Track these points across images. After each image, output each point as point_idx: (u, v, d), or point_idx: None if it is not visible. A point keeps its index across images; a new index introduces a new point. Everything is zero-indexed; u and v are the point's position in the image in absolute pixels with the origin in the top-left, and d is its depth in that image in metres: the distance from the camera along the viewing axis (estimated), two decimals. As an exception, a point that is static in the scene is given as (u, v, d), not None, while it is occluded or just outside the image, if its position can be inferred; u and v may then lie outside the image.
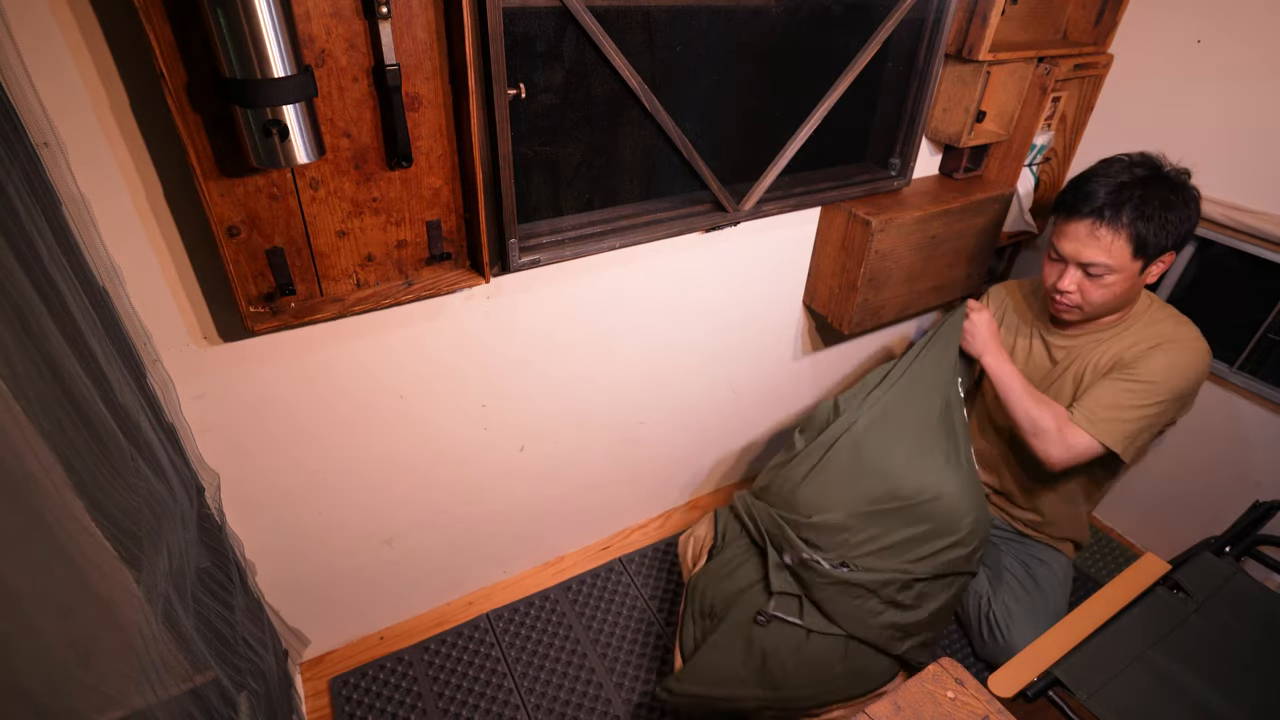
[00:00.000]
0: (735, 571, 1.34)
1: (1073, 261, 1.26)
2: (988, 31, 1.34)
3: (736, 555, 1.36)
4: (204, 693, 0.85)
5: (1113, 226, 1.20)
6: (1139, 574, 1.18)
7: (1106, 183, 1.22)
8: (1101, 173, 1.25)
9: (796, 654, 1.23)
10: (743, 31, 1.22)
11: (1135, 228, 1.19)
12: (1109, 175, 1.24)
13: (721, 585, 1.33)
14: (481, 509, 1.53)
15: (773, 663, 1.23)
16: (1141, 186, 1.21)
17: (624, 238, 1.25)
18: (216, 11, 0.72)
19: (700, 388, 1.70)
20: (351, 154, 0.94)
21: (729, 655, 1.25)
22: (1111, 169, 1.25)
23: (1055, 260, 1.31)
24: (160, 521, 0.81)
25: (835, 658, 1.23)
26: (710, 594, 1.34)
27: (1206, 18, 1.42)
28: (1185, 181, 1.23)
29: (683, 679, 1.27)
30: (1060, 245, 1.28)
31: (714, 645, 1.26)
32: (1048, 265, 1.34)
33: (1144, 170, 1.24)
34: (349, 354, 1.16)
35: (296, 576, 1.37)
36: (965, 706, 0.88)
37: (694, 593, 1.37)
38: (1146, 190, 1.20)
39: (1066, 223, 1.26)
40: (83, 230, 0.82)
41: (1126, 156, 1.27)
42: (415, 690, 1.48)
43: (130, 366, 0.88)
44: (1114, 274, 1.24)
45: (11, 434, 0.58)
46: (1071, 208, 1.26)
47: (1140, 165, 1.25)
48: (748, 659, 1.24)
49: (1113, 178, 1.23)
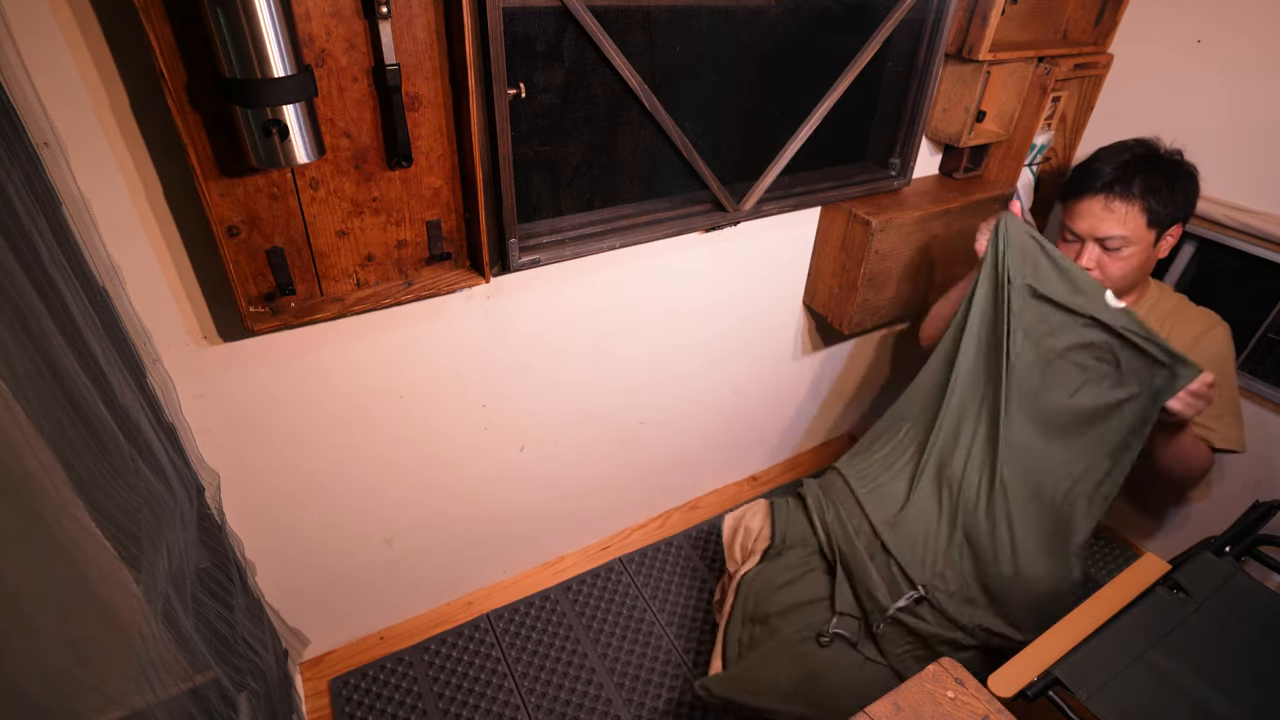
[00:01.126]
0: (795, 582, 1.31)
1: (1089, 238, 1.27)
2: (988, 31, 1.34)
3: (797, 564, 1.33)
4: (204, 693, 0.85)
5: (1125, 198, 1.23)
6: (1139, 574, 1.17)
7: (1111, 160, 1.25)
8: (1104, 154, 1.29)
9: (847, 681, 1.22)
10: (743, 31, 1.22)
11: (1147, 199, 1.23)
12: (1112, 154, 1.27)
13: (778, 594, 1.30)
14: (481, 509, 1.53)
15: (822, 684, 1.21)
16: (1145, 163, 1.24)
17: (624, 238, 1.25)
18: (216, 11, 0.72)
19: (700, 388, 1.69)
20: (351, 154, 0.94)
21: (777, 669, 1.24)
22: (1112, 150, 1.28)
23: (1071, 241, 1.31)
24: (160, 521, 0.81)
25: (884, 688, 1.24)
26: (764, 601, 1.31)
27: (1206, 17, 1.42)
28: (1182, 159, 1.28)
29: (725, 682, 1.26)
30: (1075, 225, 1.29)
31: (765, 656, 1.25)
32: (1063, 248, 1.33)
33: (1143, 149, 1.28)
34: (349, 354, 1.16)
35: (296, 576, 1.37)
36: (965, 706, 0.88)
37: (745, 594, 1.34)
38: (1150, 165, 1.24)
39: (1078, 202, 1.28)
40: (83, 230, 0.82)
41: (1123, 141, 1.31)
42: (415, 690, 1.48)
43: (130, 366, 0.88)
44: (1131, 246, 1.26)
45: (11, 434, 0.58)
46: (1080, 187, 1.27)
47: (1139, 145, 1.28)
48: (795, 675, 1.23)
49: (1115, 156, 1.26)
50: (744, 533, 1.44)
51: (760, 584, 1.33)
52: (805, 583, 1.32)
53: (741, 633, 1.32)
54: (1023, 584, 1.20)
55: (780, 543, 1.37)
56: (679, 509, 1.95)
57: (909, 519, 1.30)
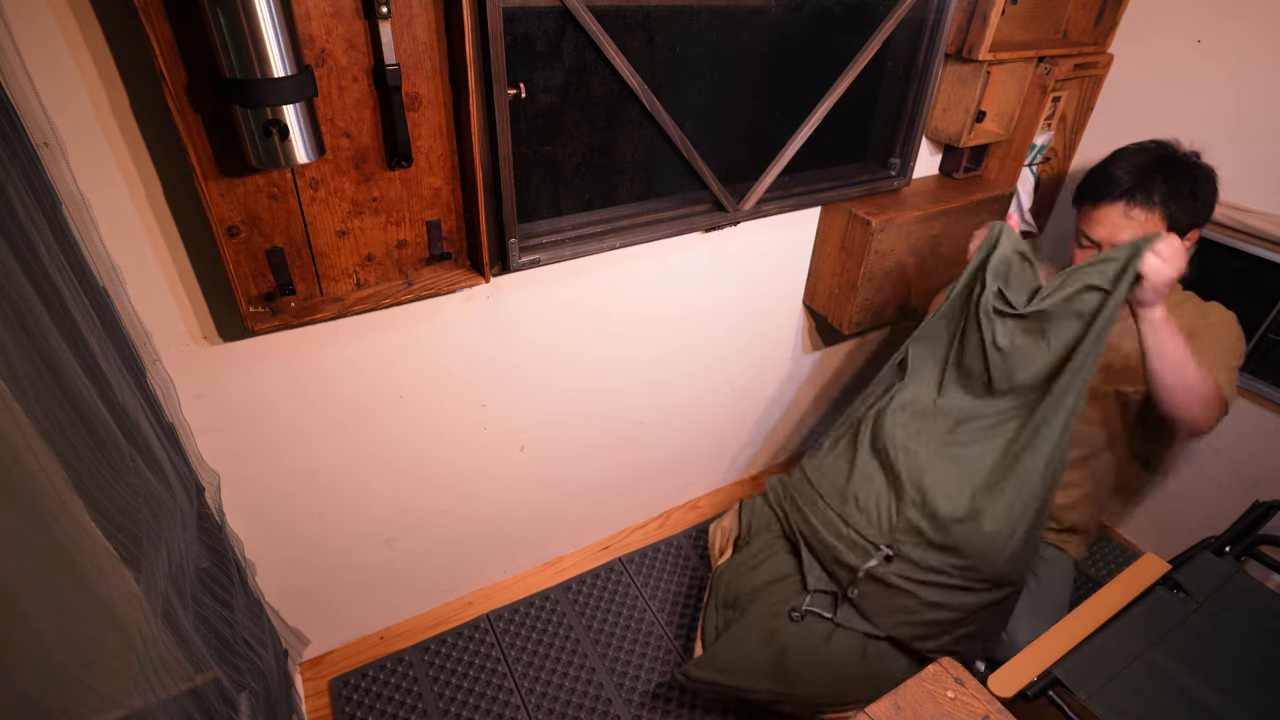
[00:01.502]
0: (760, 565, 1.36)
1: (1108, 245, 1.26)
2: (988, 31, 1.34)
3: (762, 549, 1.38)
4: (204, 693, 0.84)
5: (1146, 206, 1.21)
6: (1139, 574, 1.17)
7: (1129, 165, 1.23)
8: (1122, 157, 1.26)
9: (815, 654, 1.24)
10: (743, 31, 1.22)
11: (1168, 206, 1.21)
12: (1130, 158, 1.25)
13: (745, 578, 1.35)
14: (481, 509, 1.53)
15: (791, 659, 1.24)
16: (1164, 166, 1.22)
17: (624, 238, 1.25)
18: (216, 11, 0.72)
19: (700, 387, 1.69)
20: (351, 154, 0.94)
21: (748, 647, 1.28)
22: (1129, 153, 1.26)
23: (1087, 246, 1.30)
24: (160, 521, 0.81)
25: (854, 660, 1.24)
26: (734, 586, 1.36)
27: (1206, 17, 1.42)
28: (1200, 161, 1.26)
29: (701, 665, 1.29)
30: (1092, 231, 1.27)
31: (733, 636, 1.29)
32: (1079, 254, 1.32)
33: (1163, 152, 1.25)
34: (349, 354, 1.16)
35: (297, 576, 1.37)
36: (965, 706, 0.88)
37: (718, 584, 1.39)
38: (1169, 169, 1.22)
39: (1095, 209, 1.26)
40: (83, 230, 0.82)
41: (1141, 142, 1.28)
42: (415, 690, 1.48)
43: (130, 366, 0.88)
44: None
45: (11, 434, 0.58)
46: (1099, 193, 1.25)
47: (1159, 148, 1.26)
48: (766, 653, 1.26)
49: (1133, 159, 1.24)
50: (721, 533, 1.52)
51: (730, 572, 1.39)
52: (771, 563, 1.36)
53: (717, 619, 1.37)
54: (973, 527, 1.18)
55: (747, 532, 1.43)
56: (679, 509, 1.95)
57: (857, 486, 1.30)
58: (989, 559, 1.17)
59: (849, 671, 1.24)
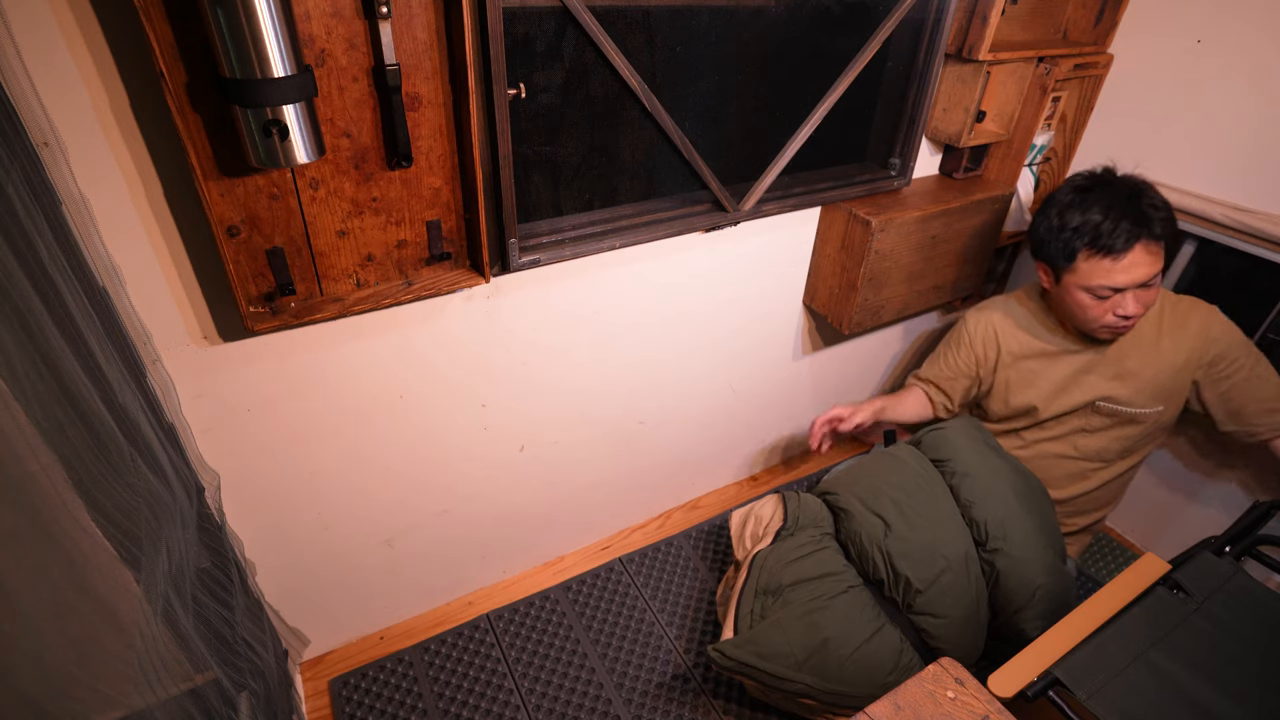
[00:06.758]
0: (807, 557, 1.36)
1: (1133, 286, 1.28)
2: (988, 31, 1.34)
3: (809, 542, 1.39)
4: (204, 693, 0.84)
5: (1153, 238, 1.26)
6: (1139, 574, 1.17)
7: (1113, 211, 1.25)
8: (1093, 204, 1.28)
9: (856, 650, 1.25)
10: (743, 31, 1.22)
11: (1164, 228, 1.27)
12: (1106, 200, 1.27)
13: (790, 568, 1.35)
14: (481, 509, 1.53)
15: (831, 651, 1.25)
16: (1137, 196, 1.27)
17: (624, 238, 1.25)
18: (216, 11, 0.72)
19: (700, 388, 1.69)
20: (351, 154, 0.94)
21: (789, 635, 1.27)
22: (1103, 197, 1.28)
23: (1105, 298, 1.30)
24: (160, 521, 0.81)
25: (890, 662, 1.26)
26: (777, 574, 1.36)
27: (1206, 17, 1.42)
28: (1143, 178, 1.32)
29: (740, 646, 1.28)
30: (1114, 280, 1.27)
31: (777, 623, 1.28)
32: (1096, 305, 1.31)
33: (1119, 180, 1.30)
34: (349, 354, 1.16)
35: (296, 576, 1.37)
36: (965, 706, 0.88)
37: (759, 570, 1.38)
38: (1142, 196, 1.27)
39: (1117, 260, 1.26)
40: (83, 230, 0.82)
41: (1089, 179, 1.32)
42: (415, 690, 1.48)
43: (130, 366, 0.88)
44: (1159, 275, 1.30)
45: (11, 434, 0.58)
46: (1109, 248, 1.25)
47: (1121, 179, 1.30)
48: (807, 642, 1.26)
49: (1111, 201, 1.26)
50: (754, 521, 1.50)
51: (773, 560, 1.37)
52: (818, 557, 1.36)
53: (754, 604, 1.35)
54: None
55: (794, 524, 1.43)
56: (679, 509, 1.95)
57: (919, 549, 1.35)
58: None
59: (884, 671, 1.25)
